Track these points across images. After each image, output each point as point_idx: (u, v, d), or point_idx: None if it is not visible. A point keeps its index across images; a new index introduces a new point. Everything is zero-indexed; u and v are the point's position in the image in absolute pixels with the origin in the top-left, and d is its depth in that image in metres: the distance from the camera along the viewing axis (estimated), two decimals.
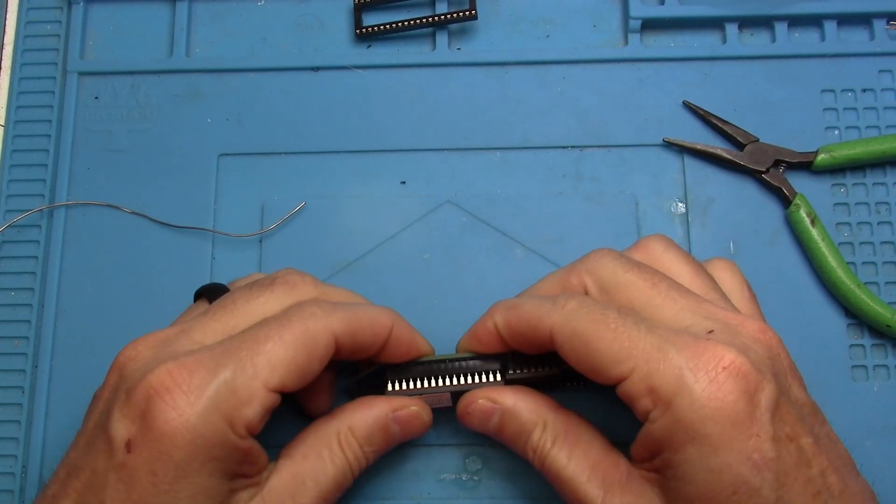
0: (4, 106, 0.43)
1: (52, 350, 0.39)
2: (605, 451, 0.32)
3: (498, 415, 0.33)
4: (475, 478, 0.37)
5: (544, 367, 0.34)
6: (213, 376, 0.28)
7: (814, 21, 0.42)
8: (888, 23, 0.42)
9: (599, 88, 0.42)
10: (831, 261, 0.38)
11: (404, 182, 0.41)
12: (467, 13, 0.42)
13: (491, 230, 0.40)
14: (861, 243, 0.40)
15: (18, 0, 0.44)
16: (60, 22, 0.44)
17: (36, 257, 0.40)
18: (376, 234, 0.40)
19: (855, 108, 0.41)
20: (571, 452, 0.32)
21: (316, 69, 0.43)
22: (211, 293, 0.35)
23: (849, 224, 0.40)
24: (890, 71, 0.42)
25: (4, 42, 0.44)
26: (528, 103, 0.42)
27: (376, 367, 0.34)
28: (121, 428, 0.28)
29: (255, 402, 0.29)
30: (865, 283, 0.38)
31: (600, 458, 0.31)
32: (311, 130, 0.42)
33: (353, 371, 0.36)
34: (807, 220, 0.39)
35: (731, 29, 0.42)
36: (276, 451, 0.32)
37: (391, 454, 0.36)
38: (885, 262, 0.39)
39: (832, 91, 0.41)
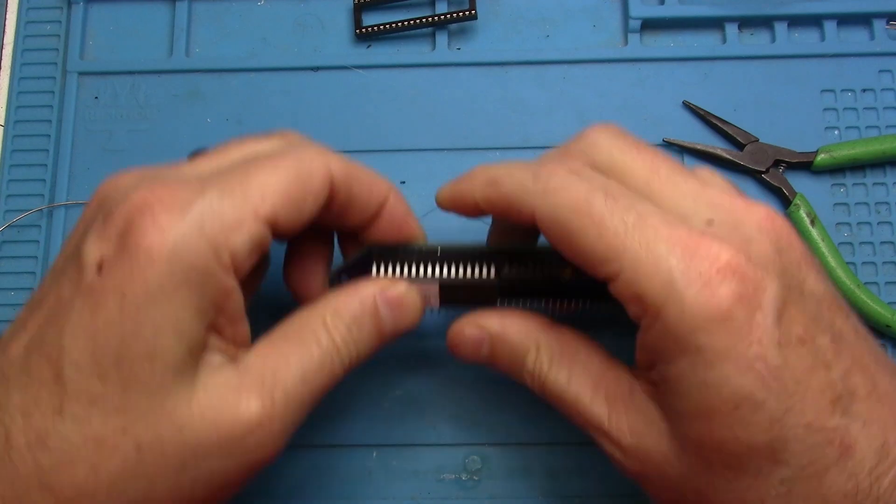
0: (4, 106, 0.43)
1: None
2: (605, 366, 0.29)
3: (487, 342, 0.31)
4: (475, 478, 0.37)
5: (547, 264, 0.31)
6: (199, 196, 0.26)
7: (814, 21, 0.42)
8: (888, 23, 0.42)
9: (599, 88, 0.42)
10: (831, 261, 0.38)
11: (404, 182, 0.41)
12: (467, 13, 0.42)
13: None
14: (861, 243, 0.40)
15: (18, 0, 0.44)
16: (60, 22, 0.44)
17: (36, 257, 0.40)
18: None
19: (855, 108, 0.41)
20: (571, 372, 0.29)
21: (316, 69, 0.43)
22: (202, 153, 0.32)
23: (849, 224, 0.40)
24: (890, 71, 0.42)
25: (4, 42, 0.44)
26: (528, 103, 0.42)
27: (363, 251, 0.32)
28: (94, 250, 0.25)
29: (243, 228, 0.26)
30: (865, 283, 0.38)
31: (601, 373, 0.29)
32: (311, 130, 0.41)
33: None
34: (807, 220, 0.39)
35: (731, 29, 0.42)
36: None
37: (391, 453, 0.36)
38: (885, 262, 0.39)
39: (832, 91, 0.41)
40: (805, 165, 0.40)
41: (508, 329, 0.30)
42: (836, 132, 0.41)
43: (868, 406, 0.25)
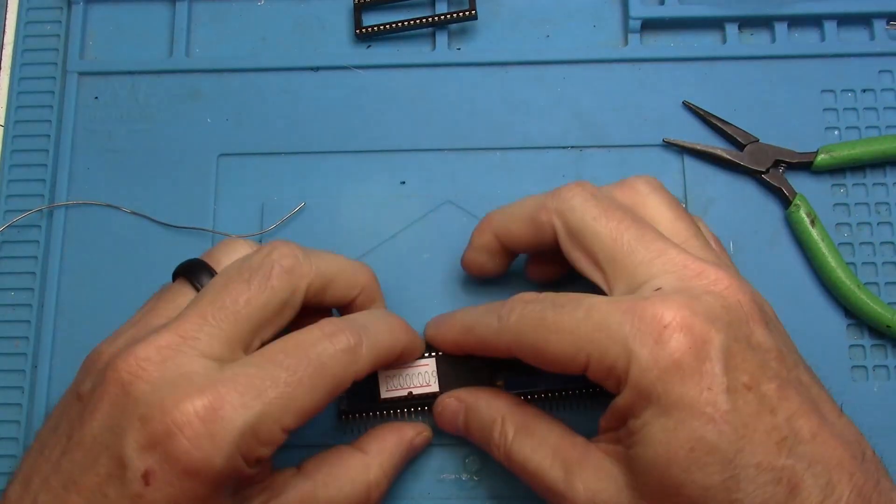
0: (4, 106, 0.43)
1: (52, 350, 0.39)
2: (562, 435, 0.32)
3: (462, 413, 0.34)
4: (475, 478, 0.37)
5: (533, 375, 0.35)
6: (237, 416, 0.27)
7: (814, 21, 0.42)
8: (888, 23, 0.42)
9: (599, 88, 0.42)
10: (831, 261, 0.38)
11: (404, 182, 0.41)
12: (467, 13, 0.42)
13: None
14: (861, 243, 0.40)
15: (18, 0, 0.44)
16: (60, 22, 0.44)
17: (36, 257, 0.40)
18: (376, 234, 0.40)
19: (855, 109, 0.41)
20: (532, 442, 0.32)
21: (316, 69, 0.43)
22: (192, 275, 0.33)
23: (849, 224, 0.40)
24: (890, 71, 0.42)
25: (4, 42, 0.44)
26: (528, 103, 0.42)
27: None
28: (137, 458, 0.27)
29: (273, 444, 0.29)
30: (865, 283, 0.38)
31: (559, 442, 0.32)
32: (311, 130, 0.42)
33: None
34: (807, 221, 0.39)
35: (731, 29, 0.42)
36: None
37: None
38: (885, 263, 0.39)
39: (832, 91, 0.41)
40: (805, 165, 0.40)
41: (480, 402, 0.34)
42: (836, 132, 0.41)
43: (812, 447, 0.27)
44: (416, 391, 0.35)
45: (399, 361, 0.34)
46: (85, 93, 0.43)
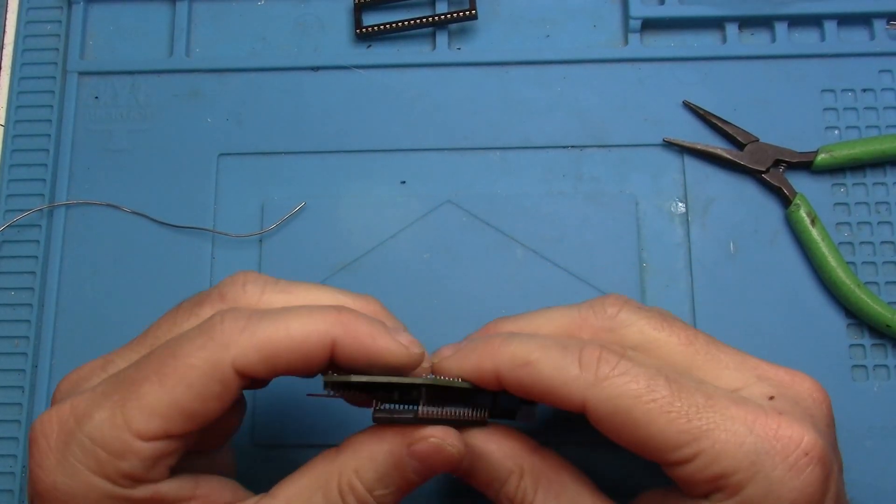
0: (4, 106, 0.43)
1: (52, 350, 0.39)
2: (595, 499, 0.28)
3: (467, 458, 0.28)
4: None
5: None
6: (76, 427, 0.25)
7: (814, 21, 0.42)
8: (888, 23, 0.42)
9: (599, 88, 0.42)
10: (831, 261, 0.38)
11: (404, 182, 0.41)
12: (467, 13, 0.42)
13: (491, 230, 0.40)
14: (861, 243, 0.40)
15: (18, 0, 0.44)
16: (60, 22, 0.44)
17: (36, 257, 0.40)
18: (376, 234, 0.40)
19: (855, 108, 0.41)
20: (558, 501, 0.28)
21: (316, 69, 0.43)
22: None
23: (849, 224, 0.40)
24: (890, 71, 0.42)
25: (4, 42, 0.44)
26: (528, 103, 0.42)
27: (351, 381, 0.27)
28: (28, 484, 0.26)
29: (128, 454, 0.25)
30: (865, 283, 0.38)
31: None
32: (311, 130, 0.42)
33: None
34: (807, 220, 0.39)
35: (731, 29, 0.42)
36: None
37: None
38: (885, 262, 0.39)
39: (832, 91, 0.41)
40: (805, 165, 0.40)
41: (491, 448, 0.28)
42: (836, 132, 0.41)
43: None
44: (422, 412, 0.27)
45: (343, 362, 0.27)
46: (85, 93, 0.43)
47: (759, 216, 0.40)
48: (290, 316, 0.26)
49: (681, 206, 0.40)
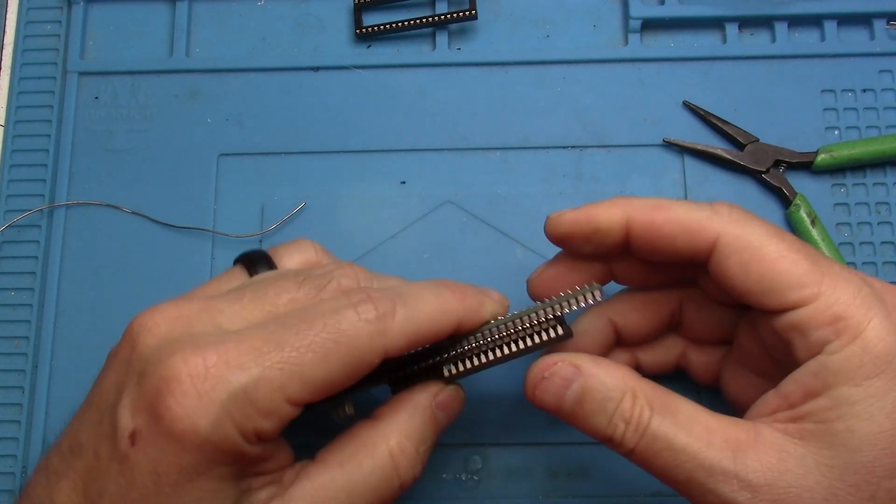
0: (4, 106, 0.43)
1: (52, 350, 0.39)
2: (713, 415, 0.28)
3: (580, 381, 0.28)
4: (475, 478, 0.37)
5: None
6: (232, 377, 0.25)
7: (814, 21, 0.42)
8: (888, 23, 0.42)
9: (599, 88, 0.42)
10: None
11: (404, 182, 0.41)
12: (467, 13, 0.42)
13: (491, 230, 0.40)
14: (861, 243, 0.40)
15: (18, 0, 0.44)
16: (60, 22, 0.44)
17: (36, 257, 0.40)
18: (376, 234, 0.40)
19: (855, 108, 0.41)
20: (676, 418, 0.28)
21: (316, 69, 0.43)
22: (251, 263, 0.31)
23: (849, 224, 0.40)
24: (890, 71, 0.42)
25: (4, 42, 0.44)
26: (528, 103, 0.42)
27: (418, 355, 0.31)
28: (126, 416, 0.25)
29: (273, 416, 0.26)
30: None
31: (712, 421, 0.28)
32: (311, 130, 0.42)
33: None
34: (807, 221, 0.39)
35: (731, 29, 0.42)
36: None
37: None
38: (885, 263, 0.39)
39: (832, 91, 0.41)
40: (805, 165, 0.40)
41: (602, 371, 0.29)
42: (836, 132, 0.41)
43: None
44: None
45: (458, 334, 0.30)
46: (85, 93, 0.43)
47: (759, 216, 0.40)
48: (424, 298, 0.29)
49: None
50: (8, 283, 0.40)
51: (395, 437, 0.29)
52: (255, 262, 0.31)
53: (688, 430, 0.27)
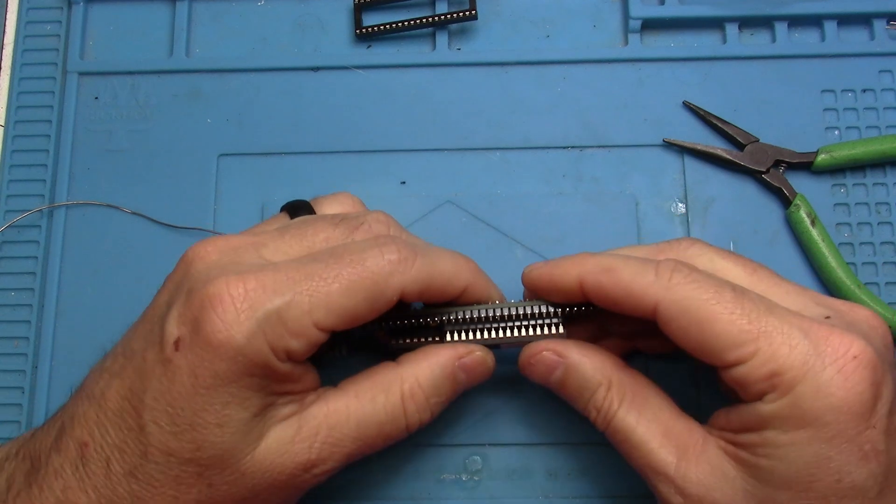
0: (4, 106, 0.43)
1: (52, 350, 0.39)
2: (676, 416, 0.31)
3: (561, 369, 0.32)
4: (475, 478, 0.37)
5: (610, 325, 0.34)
6: (267, 300, 0.29)
7: (814, 21, 0.42)
8: (888, 23, 0.42)
9: (599, 88, 0.42)
10: (831, 261, 0.38)
11: (404, 182, 0.41)
12: (467, 13, 0.42)
13: (491, 230, 0.40)
14: (861, 244, 0.40)
15: (18, 0, 0.44)
16: (60, 22, 0.44)
17: (36, 257, 0.40)
18: None
19: (855, 108, 0.41)
20: (640, 415, 0.31)
21: (316, 69, 0.43)
22: (294, 210, 0.35)
23: (849, 224, 0.40)
24: (890, 71, 0.42)
25: (4, 42, 0.44)
26: (528, 103, 0.42)
27: (420, 312, 0.34)
28: (173, 326, 0.29)
29: (301, 337, 0.29)
30: (865, 283, 0.38)
31: (672, 422, 0.31)
32: (311, 130, 0.42)
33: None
34: (807, 221, 0.39)
35: (731, 29, 0.42)
36: None
37: (391, 453, 0.36)
38: (885, 263, 0.39)
39: (832, 91, 0.41)
40: (805, 165, 0.40)
41: (585, 361, 0.32)
42: (836, 132, 0.41)
43: None
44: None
45: (463, 300, 0.33)
46: (85, 93, 0.43)
47: (759, 216, 0.40)
48: (442, 257, 0.32)
49: (681, 207, 0.40)
50: (8, 283, 0.40)
51: (409, 381, 0.32)
52: (299, 208, 0.35)
53: (647, 427, 0.31)
